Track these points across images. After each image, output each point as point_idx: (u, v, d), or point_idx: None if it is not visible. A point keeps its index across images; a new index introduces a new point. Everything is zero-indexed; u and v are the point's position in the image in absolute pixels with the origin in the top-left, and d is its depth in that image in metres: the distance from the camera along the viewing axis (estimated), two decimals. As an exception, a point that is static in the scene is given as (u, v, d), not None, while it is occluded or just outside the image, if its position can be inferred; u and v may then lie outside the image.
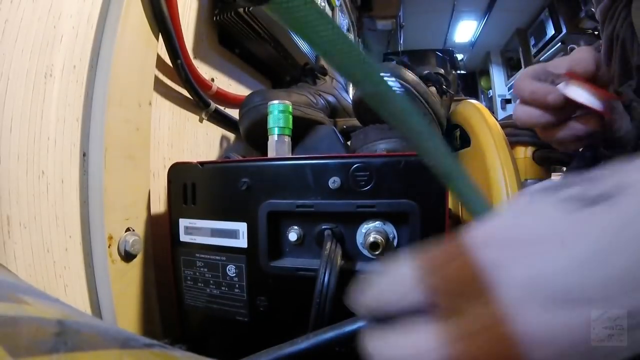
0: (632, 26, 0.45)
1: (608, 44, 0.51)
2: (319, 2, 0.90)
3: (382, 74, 0.15)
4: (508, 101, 3.49)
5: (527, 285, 0.13)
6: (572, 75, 0.32)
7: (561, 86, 0.33)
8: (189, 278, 0.39)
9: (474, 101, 0.54)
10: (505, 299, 0.13)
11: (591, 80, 0.32)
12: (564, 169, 0.54)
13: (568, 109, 0.33)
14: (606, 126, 0.35)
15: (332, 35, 0.13)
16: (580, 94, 0.32)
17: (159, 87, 0.49)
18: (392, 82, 0.16)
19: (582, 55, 0.33)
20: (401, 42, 2.79)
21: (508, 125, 0.51)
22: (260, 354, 0.21)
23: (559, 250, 0.13)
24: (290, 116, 0.44)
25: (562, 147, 0.37)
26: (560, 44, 2.61)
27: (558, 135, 0.34)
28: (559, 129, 0.34)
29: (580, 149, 0.36)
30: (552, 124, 0.34)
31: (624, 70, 0.48)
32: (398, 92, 0.16)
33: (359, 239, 0.34)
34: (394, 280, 0.15)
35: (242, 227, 0.37)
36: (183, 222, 0.39)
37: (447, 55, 2.65)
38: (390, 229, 0.34)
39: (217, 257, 0.38)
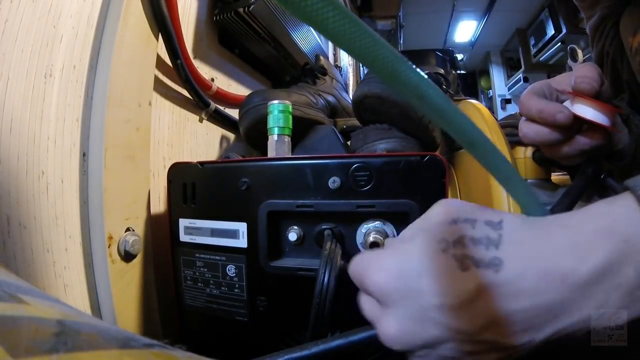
0: (621, 43, 0.45)
1: (598, 59, 0.51)
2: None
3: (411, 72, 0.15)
4: (508, 101, 3.49)
5: None
6: (577, 93, 0.32)
7: (567, 103, 0.33)
8: (188, 278, 0.39)
9: (474, 101, 0.54)
10: None
11: (595, 95, 0.32)
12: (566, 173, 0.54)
13: (574, 125, 0.33)
14: (610, 139, 0.35)
15: (342, 22, 0.13)
16: (587, 111, 0.32)
17: (159, 87, 0.49)
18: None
19: (587, 72, 0.33)
20: (401, 42, 2.79)
21: (508, 125, 0.51)
22: (268, 357, 0.22)
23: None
24: (290, 116, 0.44)
25: (566, 161, 0.37)
26: (560, 44, 2.61)
27: (564, 151, 0.34)
28: (565, 145, 0.34)
29: (582, 165, 0.36)
30: (560, 141, 0.34)
31: (615, 85, 0.48)
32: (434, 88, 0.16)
33: (359, 238, 0.34)
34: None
35: (242, 227, 0.37)
36: (183, 222, 0.39)
37: (447, 55, 2.65)
38: (390, 229, 0.34)
39: (217, 257, 0.38)
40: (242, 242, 0.37)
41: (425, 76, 0.16)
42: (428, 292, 0.19)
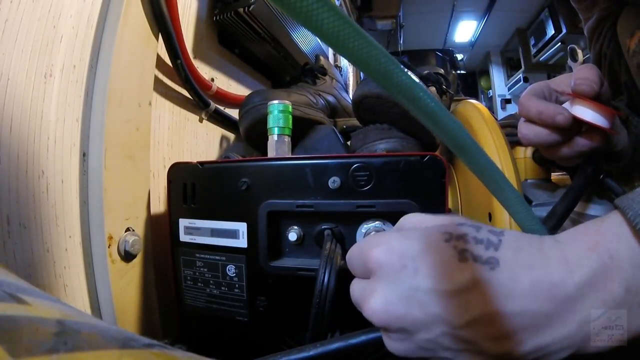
0: (619, 45, 0.45)
1: (596, 61, 0.51)
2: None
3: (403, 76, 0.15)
4: (508, 101, 3.49)
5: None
6: (576, 95, 0.32)
7: (567, 105, 0.33)
8: (189, 278, 0.39)
9: (473, 101, 0.54)
10: None
11: (594, 97, 0.32)
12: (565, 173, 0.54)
13: (573, 127, 0.33)
14: (609, 141, 0.35)
15: (338, 24, 0.13)
16: (586, 113, 0.32)
17: (159, 87, 0.49)
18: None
19: (586, 74, 0.32)
20: (401, 42, 2.80)
21: (508, 125, 0.51)
22: (267, 357, 0.22)
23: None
24: (290, 116, 0.44)
25: (565, 162, 0.37)
26: (560, 44, 2.61)
27: (563, 152, 0.34)
28: (564, 146, 0.34)
29: (581, 164, 0.36)
30: (559, 143, 0.34)
31: (613, 86, 0.48)
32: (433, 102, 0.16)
33: (359, 238, 0.34)
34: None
35: (242, 227, 0.37)
36: (183, 222, 0.39)
37: (447, 55, 2.65)
38: (390, 229, 0.34)
39: (217, 257, 0.38)
40: (242, 242, 0.37)
41: (418, 80, 0.16)
42: (422, 274, 0.19)
